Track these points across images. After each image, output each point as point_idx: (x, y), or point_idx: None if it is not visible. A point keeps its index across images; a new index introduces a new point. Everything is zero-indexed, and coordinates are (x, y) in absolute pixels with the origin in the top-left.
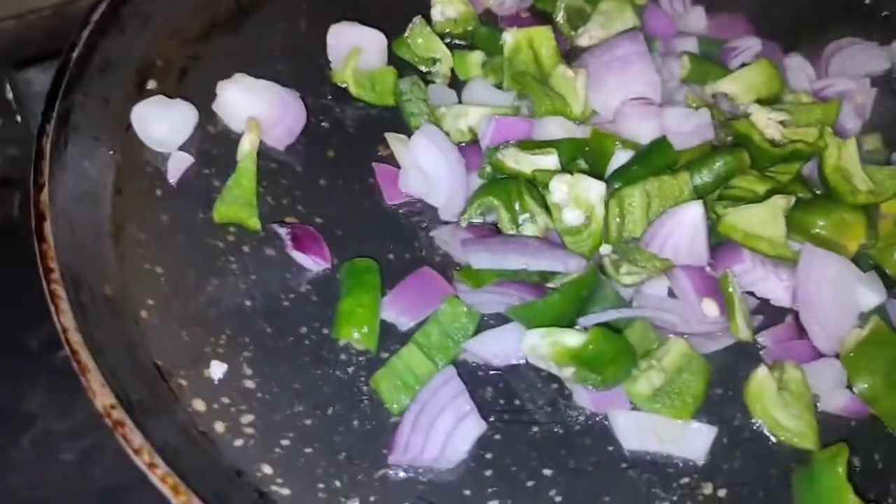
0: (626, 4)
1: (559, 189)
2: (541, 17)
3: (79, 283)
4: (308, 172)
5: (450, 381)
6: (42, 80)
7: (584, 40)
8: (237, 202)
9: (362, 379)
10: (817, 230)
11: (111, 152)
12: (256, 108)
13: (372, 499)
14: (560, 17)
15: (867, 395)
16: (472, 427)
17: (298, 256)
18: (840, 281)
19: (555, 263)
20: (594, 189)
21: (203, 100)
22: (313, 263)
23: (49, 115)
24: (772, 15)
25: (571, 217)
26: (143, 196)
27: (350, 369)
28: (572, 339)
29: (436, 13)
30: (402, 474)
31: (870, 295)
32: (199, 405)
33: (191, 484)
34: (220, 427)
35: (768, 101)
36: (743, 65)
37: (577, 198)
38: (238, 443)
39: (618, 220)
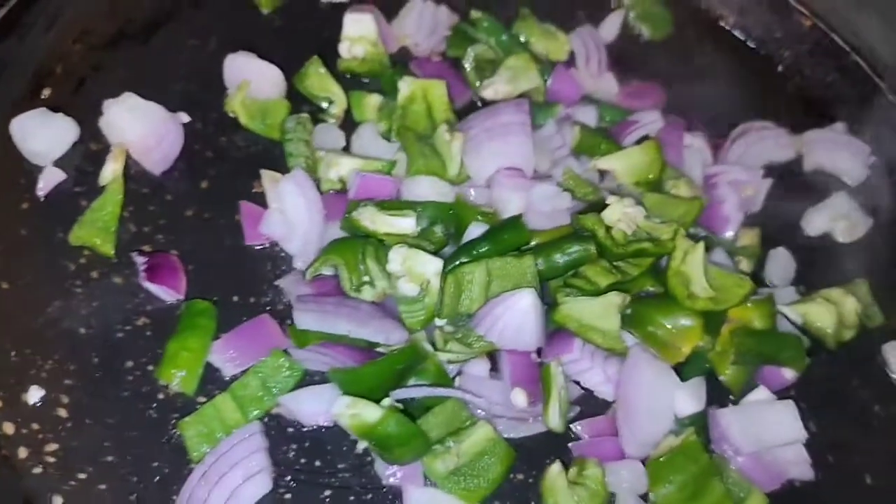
0: (531, 64)
1: (395, 260)
2: (452, 63)
3: None
4: (177, 202)
5: (251, 436)
6: None
7: (488, 93)
8: (95, 226)
9: (173, 422)
10: (653, 328)
11: None
12: (136, 130)
13: None
14: (469, 66)
15: None
16: (259, 486)
17: (151, 287)
18: (658, 386)
19: (377, 334)
20: (430, 265)
21: (94, 114)
22: (166, 294)
23: None
24: (687, 88)
25: (406, 288)
26: (8, 207)
27: (164, 411)
28: (370, 414)
29: (343, 49)
30: None
31: (687, 403)
32: (8, 428)
33: None
34: (22, 452)
35: (647, 184)
36: (639, 140)
37: (411, 271)
38: (37, 470)
39: (452, 296)
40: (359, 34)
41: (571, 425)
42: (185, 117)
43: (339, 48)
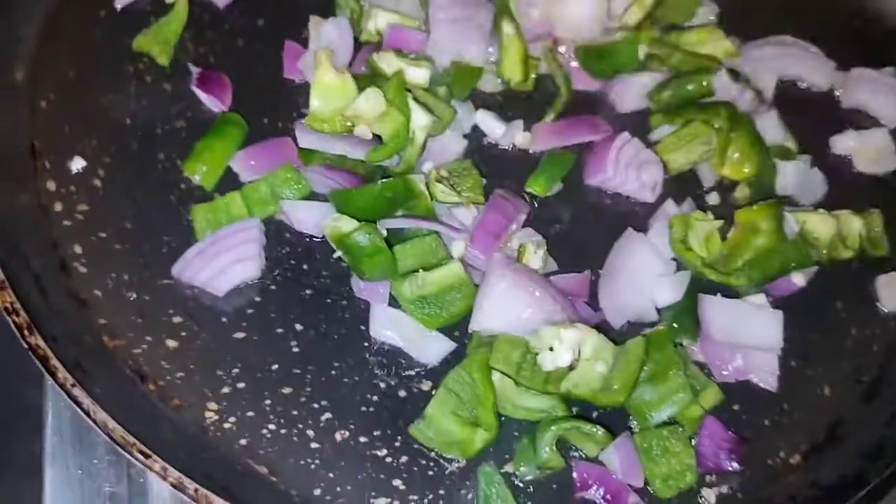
0: None
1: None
2: None
3: None
4: (232, 31)
5: (250, 228)
6: None
7: None
8: (157, 38)
9: (188, 208)
10: None
11: None
12: None
13: (147, 297)
14: None
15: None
16: (247, 271)
17: (199, 93)
18: (644, 264)
19: (355, 151)
20: (421, 119)
21: None
22: (210, 102)
23: None
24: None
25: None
26: (89, 13)
27: (183, 197)
28: (346, 225)
29: None
30: (179, 287)
31: (666, 291)
32: (50, 185)
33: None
34: (58, 206)
35: None
36: None
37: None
38: (66, 222)
39: None
40: None
41: None
42: None
43: None
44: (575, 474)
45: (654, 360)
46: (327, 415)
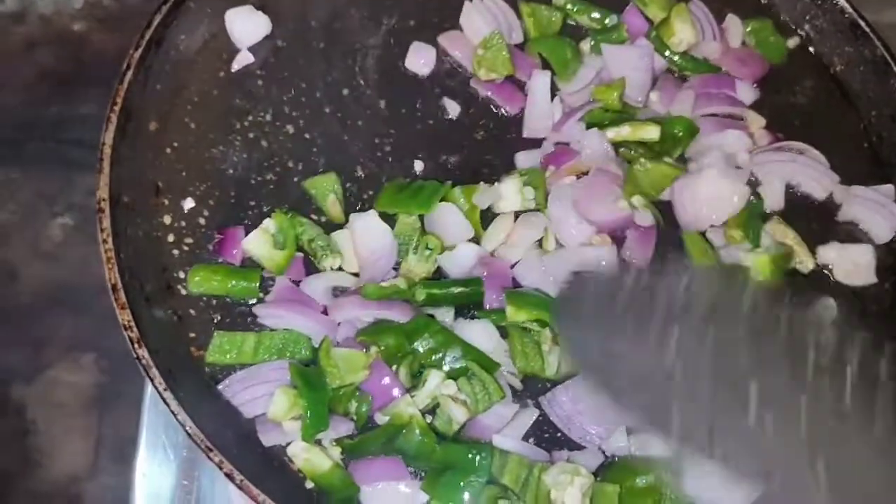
0: None
1: None
2: None
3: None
4: None
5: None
6: None
7: None
8: None
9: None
10: None
11: None
12: None
13: (228, 320)
14: None
15: None
16: None
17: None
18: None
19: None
20: None
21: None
22: None
23: None
24: (775, 112)
25: None
26: (211, 72)
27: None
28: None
29: None
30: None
31: None
32: (166, 219)
33: None
34: (170, 237)
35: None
36: None
37: None
38: (175, 252)
39: None
40: None
41: None
42: None
43: None
44: None
45: None
46: None
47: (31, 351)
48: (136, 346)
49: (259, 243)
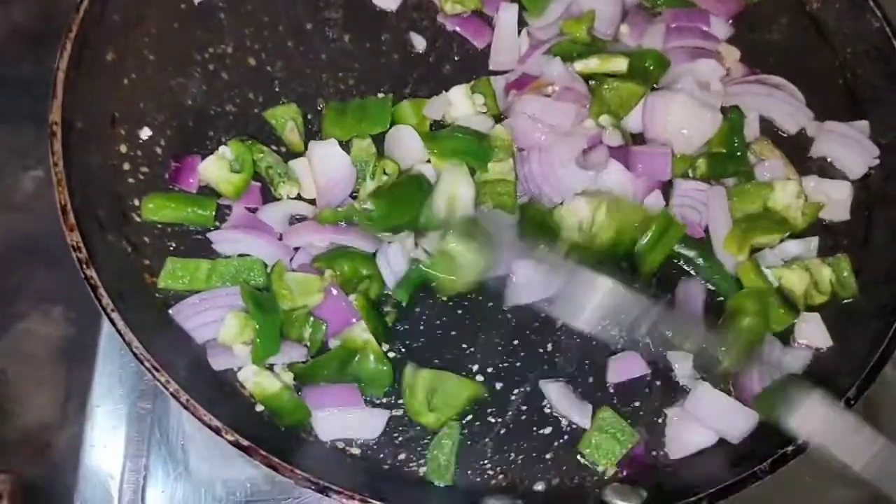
0: None
1: None
2: None
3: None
4: None
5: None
6: None
7: None
8: None
9: None
10: None
11: None
12: None
13: (182, 248)
14: None
15: None
16: None
17: None
18: None
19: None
20: None
21: None
22: None
23: None
24: (749, 48)
25: None
26: (170, 5)
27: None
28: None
29: None
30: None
31: None
32: (122, 148)
33: None
34: (125, 166)
35: None
36: None
37: None
38: (130, 180)
39: None
40: None
41: None
42: None
43: None
44: None
45: None
46: None
47: (2, 302)
48: (83, 266)
49: (215, 168)
